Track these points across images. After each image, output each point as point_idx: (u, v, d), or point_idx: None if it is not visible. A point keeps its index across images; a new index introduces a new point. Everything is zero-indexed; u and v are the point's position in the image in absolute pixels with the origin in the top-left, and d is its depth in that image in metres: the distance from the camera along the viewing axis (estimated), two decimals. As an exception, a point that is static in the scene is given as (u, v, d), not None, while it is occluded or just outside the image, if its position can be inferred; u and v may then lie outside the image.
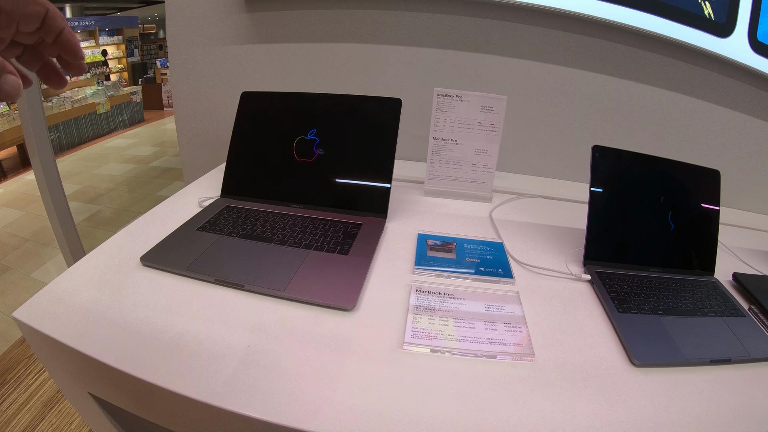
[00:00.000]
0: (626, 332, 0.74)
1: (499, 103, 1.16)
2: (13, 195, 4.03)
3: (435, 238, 1.00)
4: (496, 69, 1.41)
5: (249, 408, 0.56)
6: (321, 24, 1.45)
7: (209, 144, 1.73)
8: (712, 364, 0.71)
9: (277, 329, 0.70)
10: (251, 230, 0.96)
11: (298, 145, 1.09)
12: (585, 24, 1.29)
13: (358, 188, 1.07)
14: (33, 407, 1.66)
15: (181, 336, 0.67)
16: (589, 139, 1.01)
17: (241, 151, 1.14)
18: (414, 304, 0.77)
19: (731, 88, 1.34)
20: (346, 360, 0.64)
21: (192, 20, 1.53)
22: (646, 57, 1.33)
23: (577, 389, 0.63)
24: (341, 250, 0.89)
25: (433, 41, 1.41)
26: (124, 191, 4.15)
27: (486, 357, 0.67)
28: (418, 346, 0.67)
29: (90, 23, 7.42)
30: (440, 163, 1.24)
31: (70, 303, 0.73)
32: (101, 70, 7.49)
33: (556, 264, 0.95)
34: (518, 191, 1.34)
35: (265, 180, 1.12)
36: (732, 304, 0.87)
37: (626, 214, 0.96)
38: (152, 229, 0.97)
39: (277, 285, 0.77)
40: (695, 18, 1.25)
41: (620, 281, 0.88)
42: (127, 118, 6.91)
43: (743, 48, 1.27)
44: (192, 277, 0.81)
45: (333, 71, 1.52)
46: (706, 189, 1.01)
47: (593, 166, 0.95)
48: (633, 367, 0.68)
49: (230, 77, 1.60)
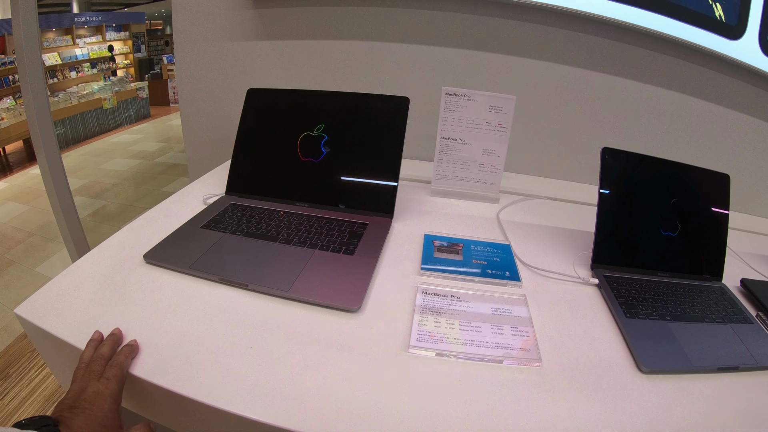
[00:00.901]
0: (634, 338, 0.73)
1: (508, 103, 1.15)
2: (18, 189, 4.04)
3: (441, 239, 0.99)
4: (505, 69, 1.40)
5: (250, 410, 0.55)
6: (328, 21, 1.44)
7: (215, 141, 1.73)
8: (720, 372, 0.70)
9: (280, 330, 0.69)
10: (256, 229, 0.95)
11: (304, 143, 1.09)
12: (595, 24, 1.28)
13: (365, 187, 1.06)
14: (35, 401, 1.67)
15: (184, 336, 0.66)
16: (598, 141, 1.00)
17: (247, 148, 1.14)
18: (420, 305, 0.76)
19: (741, 91, 1.32)
20: (351, 363, 0.64)
21: (198, 16, 1.52)
22: (656, 58, 1.31)
23: (584, 395, 0.62)
24: (347, 250, 0.89)
25: (441, 40, 1.40)
26: (130, 186, 4.16)
27: (492, 361, 0.66)
28: (424, 350, 0.67)
29: (97, 19, 7.41)
30: (447, 163, 1.23)
31: (71, 300, 0.73)
32: (108, 66, 7.50)
33: (564, 267, 0.94)
34: (526, 192, 1.33)
35: (270, 178, 1.11)
36: (740, 311, 0.86)
37: (635, 218, 0.95)
38: (156, 226, 0.96)
39: (282, 285, 0.77)
40: (706, 19, 1.23)
41: (628, 286, 0.87)
42: (133, 114, 6.92)
43: (754, 50, 1.26)
44: (195, 275, 0.81)
45: (340, 69, 1.51)
46: (716, 193, 1.00)
47: (602, 168, 0.94)
48: (640, 373, 0.67)
49: (236, 74, 1.59)
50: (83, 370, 0.59)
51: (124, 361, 0.60)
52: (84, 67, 7.02)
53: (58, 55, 6.53)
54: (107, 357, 0.61)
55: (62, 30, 6.79)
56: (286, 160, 1.10)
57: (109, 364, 0.59)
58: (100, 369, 0.59)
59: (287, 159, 1.10)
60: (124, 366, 0.60)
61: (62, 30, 6.79)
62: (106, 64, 7.47)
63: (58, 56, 6.53)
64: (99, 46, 7.39)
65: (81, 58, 6.94)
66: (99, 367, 0.59)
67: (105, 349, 0.61)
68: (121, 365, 0.59)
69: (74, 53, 6.83)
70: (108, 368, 0.59)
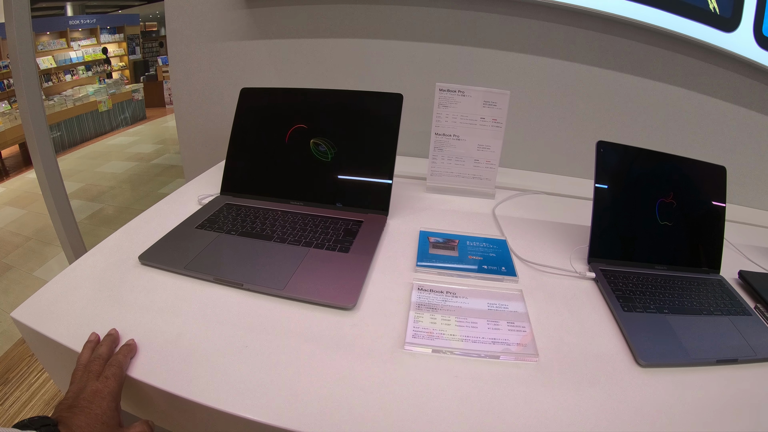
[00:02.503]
0: (631, 331, 0.73)
1: (502, 98, 1.15)
2: (15, 194, 4.03)
3: (437, 236, 0.99)
4: (498, 64, 1.40)
5: (247, 410, 0.55)
6: (321, 19, 1.44)
7: (210, 141, 1.72)
8: (719, 364, 0.70)
9: (276, 329, 0.69)
10: (251, 228, 0.95)
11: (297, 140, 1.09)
12: (588, 18, 1.28)
13: (359, 185, 1.06)
14: (35, 406, 1.66)
15: (179, 336, 0.66)
16: (594, 135, 0.99)
17: (241, 147, 1.13)
18: (416, 302, 0.76)
19: (736, 84, 1.32)
20: (347, 360, 0.64)
21: (192, 16, 1.52)
22: (650, 51, 1.31)
23: (582, 390, 0.62)
24: (342, 248, 0.88)
25: (434, 36, 1.39)
26: (126, 189, 4.15)
27: (489, 357, 0.66)
28: (420, 347, 0.66)
29: (91, 21, 7.39)
30: (442, 159, 1.23)
31: (67, 303, 0.73)
32: (103, 68, 7.48)
33: (560, 261, 0.94)
34: (521, 187, 1.33)
35: (264, 177, 1.11)
36: (738, 303, 0.85)
37: (631, 211, 0.95)
38: (151, 227, 0.96)
39: (277, 284, 0.77)
40: (700, 12, 1.23)
41: (625, 279, 0.87)
42: (128, 116, 6.90)
43: (749, 43, 1.25)
44: (190, 275, 0.80)
45: (333, 67, 1.51)
46: (712, 185, 1.00)
47: (598, 162, 0.94)
48: (638, 367, 0.67)
49: (230, 73, 1.59)
50: (81, 371, 0.59)
51: (123, 360, 0.60)
52: (79, 70, 7.00)
53: (53, 59, 6.52)
54: (105, 357, 0.60)
55: (56, 33, 6.77)
56: (280, 158, 1.09)
57: (108, 363, 0.59)
58: (98, 368, 0.58)
59: (281, 157, 1.09)
60: (123, 365, 0.60)
61: (56, 33, 6.77)
62: (101, 67, 7.45)
63: (53, 59, 6.52)
64: (93, 48, 7.37)
65: (76, 61, 6.92)
66: (97, 367, 0.58)
67: (103, 349, 0.61)
68: (119, 364, 0.59)
69: (69, 56, 6.81)
70: (107, 367, 0.58)
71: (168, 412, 0.63)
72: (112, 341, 0.63)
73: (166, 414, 0.64)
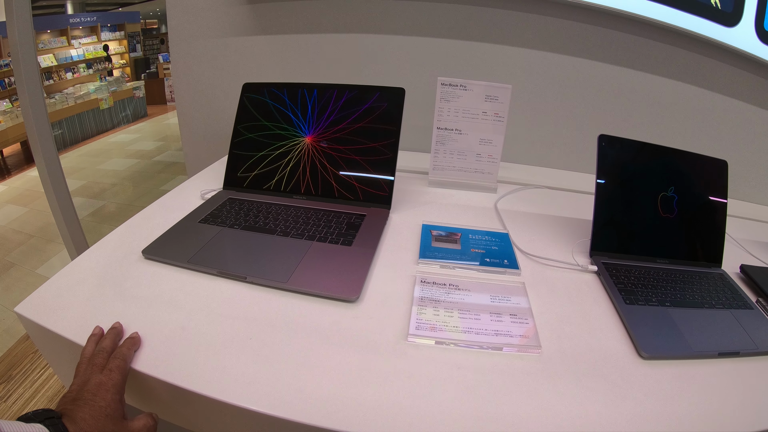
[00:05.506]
0: (633, 324, 0.73)
1: (504, 92, 1.15)
2: (17, 191, 4.04)
3: (439, 229, 0.99)
4: (500, 58, 1.40)
5: (251, 401, 0.55)
6: (323, 14, 1.44)
7: (212, 137, 1.73)
8: (721, 357, 0.70)
9: (279, 321, 0.69)
10: (253, 222, 0.95)
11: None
12: (590, 12, 1.27)
13: (362, 179, 1.06)
14: (39, 402, 1.67)
15: (183, 329, 0.66)
16: (595, 129, 0.99)
17: (243, 142, 1.13)
18: (418, 295, 0.76)
19: (738, 78, 1.32)
20: (350, 352, 0.64)
21: (193, 12, 1.52)
22: (651, 46, 1.31)
23: (584, 382, 0.62)
24: (345, 242, 0.89)
25: (436, 30, 1.39)
26: (128, 186, 4.15)
27: (492, 349, 0.66)
28: (423, 338, 0.67)
29: (92, 19, 7.40)
30: (444, 154, 1.23)
31: (71, 297, 0.73)
32: (104, 66, 7.48)
33: (563, 255, 0.94)
34: (523, 182, 1.32)
35: (267, 171, 1.11)
36: (740, 296, 0.85)
37: (633, 205, 0.95)
38: (154, 222, 0.96)
39: (280, 277, 0.77)
40: (702, 7, 1.22)
41: (627, 272, 0.87)
42: (130, 114, 6.91)
43: (750, 37, 1.25)
44: (194, 269, 0.81)
45: (336, 61, 1.51)
46: (714, 180, 0.99)
47: (599, 155, 0.94)
48: (641, 359, 0.67)
49: (232, 69, 1.59)
50: (85, 364, 0.59)
51: (127, 352, 0.60)
52: (80, 68, 7.01)
53: (54, 57, 6.53)
54: (109, 350, 0.61)
55: (57, 31, 6.78)
56: (283, 152, 1.09)
57: (112, 356, 0.59)
58: (102, 361, 0.59)
59: (285, 151, 1.09)
60: (127, 357, 0.60)
61: (57, 31, 6.78)
62: (102, 65, 7.46)
63: (54, 58, 6.53)
64: (94, 46, 7.38)
65: (77, 59, 6.94)
66: (101, 360, 0.59)
67: (107, 342, 0.61)
68: (123, 356, 0.59)
69: (70, 54, 6.83)
70: (111, 360, 0.59)
71: (172, 405, 0.63)
72: (116, 334, 0.64)
73: (170, 406, 0.64)
